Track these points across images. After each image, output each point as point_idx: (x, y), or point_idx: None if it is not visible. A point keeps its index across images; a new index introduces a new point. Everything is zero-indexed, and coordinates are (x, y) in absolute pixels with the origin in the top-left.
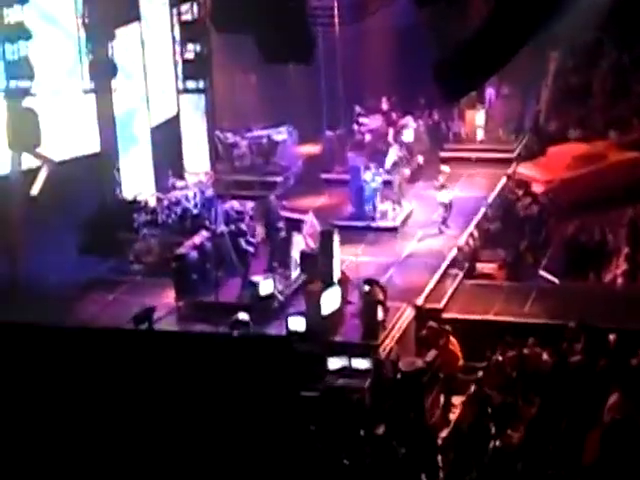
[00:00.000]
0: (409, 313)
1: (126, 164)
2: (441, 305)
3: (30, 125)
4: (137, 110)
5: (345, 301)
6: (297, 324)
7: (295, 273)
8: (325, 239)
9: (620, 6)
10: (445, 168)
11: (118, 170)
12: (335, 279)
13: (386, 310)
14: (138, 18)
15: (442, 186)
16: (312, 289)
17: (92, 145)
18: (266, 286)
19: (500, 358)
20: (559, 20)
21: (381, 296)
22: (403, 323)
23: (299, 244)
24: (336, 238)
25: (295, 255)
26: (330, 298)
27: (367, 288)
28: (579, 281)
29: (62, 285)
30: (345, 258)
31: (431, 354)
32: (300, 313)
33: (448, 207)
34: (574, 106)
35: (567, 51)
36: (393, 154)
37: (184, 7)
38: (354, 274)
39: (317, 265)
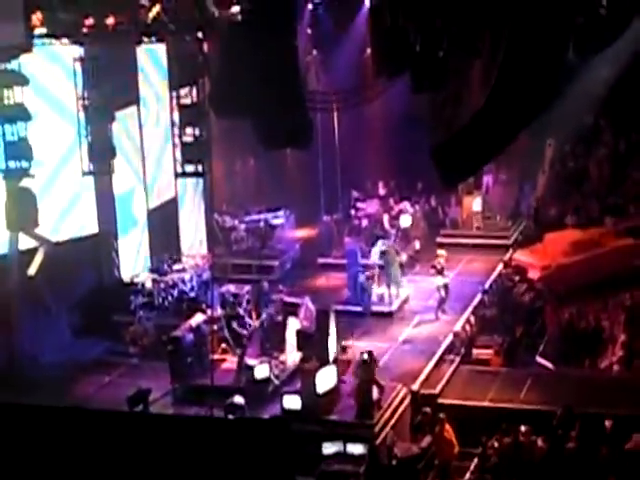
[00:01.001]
0: (405, 397)
1: (124, 246)
2: (437, 390)
3: (28, 205)
4: (135, 192)
5: (340, 380)
6: (292, 403)
7: (291, 357)
8: (321, 318)
9: (616, 93)
10: (442, 252)
11: (116, 252)
12: (331, 358)
13: (381, 389)
14: (137, 101)
15: (439, 270)
16: (308, 367)
17: (90, 226)
18: (261, 370)
19: (496, 444)
20: (556, 106)
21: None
22: (399, 408)
23: (294, 328)
24: (332, 317)
25: (290, 339)
26: (325, 377)
27: (366, 356)
28: (575, 368)
29: (57, 366)
30: (342, 342)
31: (426, 440)
32: (295, 392)
33: (445, 291)
34: (571, 192)
35: (564, 137)
36: (378, 248)
37: (183, 91)
38: (350, 358)
39: (313, 345)
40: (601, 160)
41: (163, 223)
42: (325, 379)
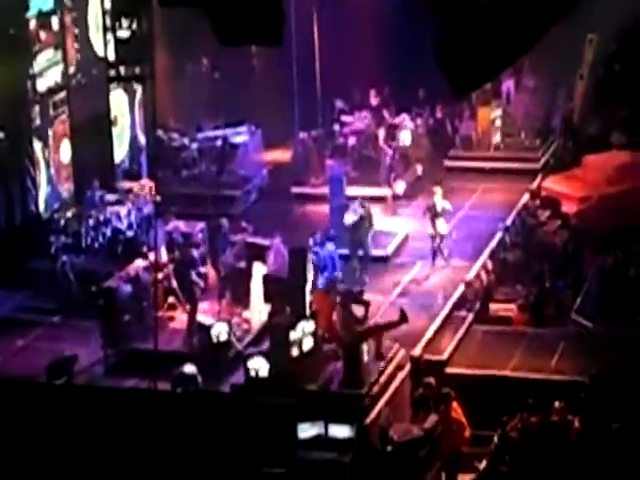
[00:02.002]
0: (403, 365)
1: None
2: (444, 357)
3: None
4: (55, 100)
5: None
6: (259, 369)
7: (257, 313)
8: (295, 259)
9: None
10: (437, 188)
11: (33, 179)
12: (308, 311)
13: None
14: None
15: (435, 214)
16: (278, 322)
17: None
18: (219, 330)
19: (520, 425)
20: None
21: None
22: (395, 378)
23: (261, 275)
24: (310, 259)
25: (256, 290)
26: (301, 335)
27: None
28: (621, 327)
29: None
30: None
31: (431, 420)
32: (263, 354)
33: (441, 241)
34: (618, 102)
35: (610, 31)
36: (354, 212)
37: None
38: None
39: (285, 294)
40: None
41: (92, 142)
42: (301, 338)
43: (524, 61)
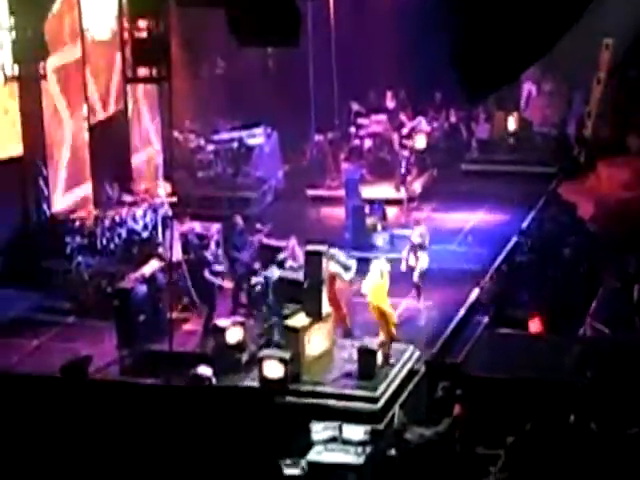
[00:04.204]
0: (418, 367)
1: (55, 172)
2: (459, 359)
3: None
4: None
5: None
6: (273, 370)
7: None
8: (312, 261)
9: None
10: (419, 228)
11: (45, 180)
12: (324, 312)
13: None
14: None
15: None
16: (293, 325)
17: (12, 147)
18: (234, 332)
19: (535, 428)
20: None
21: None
22: (410, 380)
23: (276, 276)
24: (326, 261)
25: (272, 291)
26: (318, 336)
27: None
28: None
29: None
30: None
31: (445, 423)
32: (277, 356)
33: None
34: (635, 107)
35: (626, 35)
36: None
37: None
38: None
39: (301, 295)
40: None
41: (108, 142)
42: (317, 339)
43: (541, 65)
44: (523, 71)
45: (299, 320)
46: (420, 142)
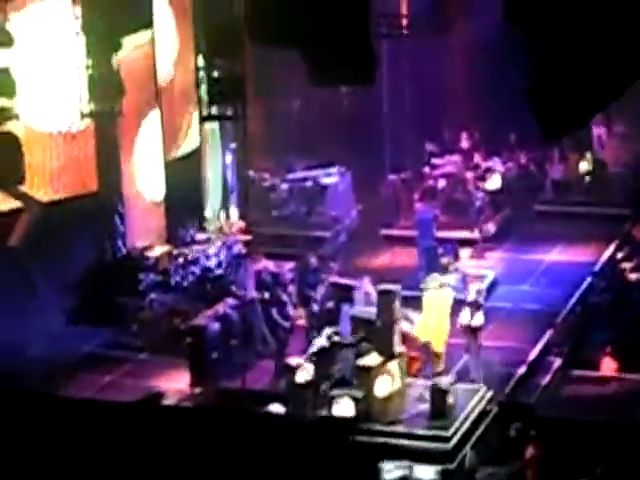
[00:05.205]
0: (490, 408)
1: (131, 208)
2: (532, 400)
3: (10, 156)
4: (147, 139)
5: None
6: (344, 408)
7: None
8: (384, 300)
9: None
10: (483, 272)
11: (121, 217)
12: (396, 351)
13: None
14: (151, 24)
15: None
16: (365, 363)
17: (88, 183)
18: (306, 370)
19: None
20: None
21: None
22: (482, 421)
23: (349, 315)
24: (399, 301)
25: (344, 331)
26: (389, 375)
27: None
28: None
29: (46, 361)
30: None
31: (516, 465)
32: (349, 394)
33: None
34: None
35: None
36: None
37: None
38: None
39: (374, 335)
40: None
41: (183, 180)
42: (389, 378)
43: (615, 107)
44: (597, 112)
45: (371, 359)
46: (494, 183)
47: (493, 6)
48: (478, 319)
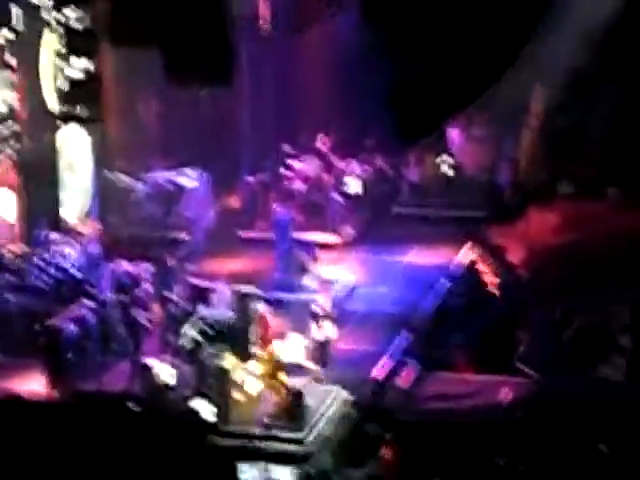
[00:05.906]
0: (346, 410)
1: None
2: (388, 403)
3: None
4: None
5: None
6: (201, 410)
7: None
8: (241, 304)
9: (620, 31)
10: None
11: None
12: (253, 354)
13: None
14: (8, 22)
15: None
16: (222, 366)
17: None
18: (163, 372)
19: None
20: (546, 42)
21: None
22: (338, 423)
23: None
24: (255, 304)
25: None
26: (245, 377)
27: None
28: (563, 376)
29: None
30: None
31: (372, 465)
32: (206, 396)
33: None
34: (564, 153)
35: (556, 82)
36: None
37: (69, 11)
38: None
39: (230, 337)
40: (603, 114)
41: (38, 180)
42: (245, 380)
43: (471, 111)
44: (456, 114)
45: (227, 361)
46: (353, 186)
47: (353, 6)
48: (330, 332)
